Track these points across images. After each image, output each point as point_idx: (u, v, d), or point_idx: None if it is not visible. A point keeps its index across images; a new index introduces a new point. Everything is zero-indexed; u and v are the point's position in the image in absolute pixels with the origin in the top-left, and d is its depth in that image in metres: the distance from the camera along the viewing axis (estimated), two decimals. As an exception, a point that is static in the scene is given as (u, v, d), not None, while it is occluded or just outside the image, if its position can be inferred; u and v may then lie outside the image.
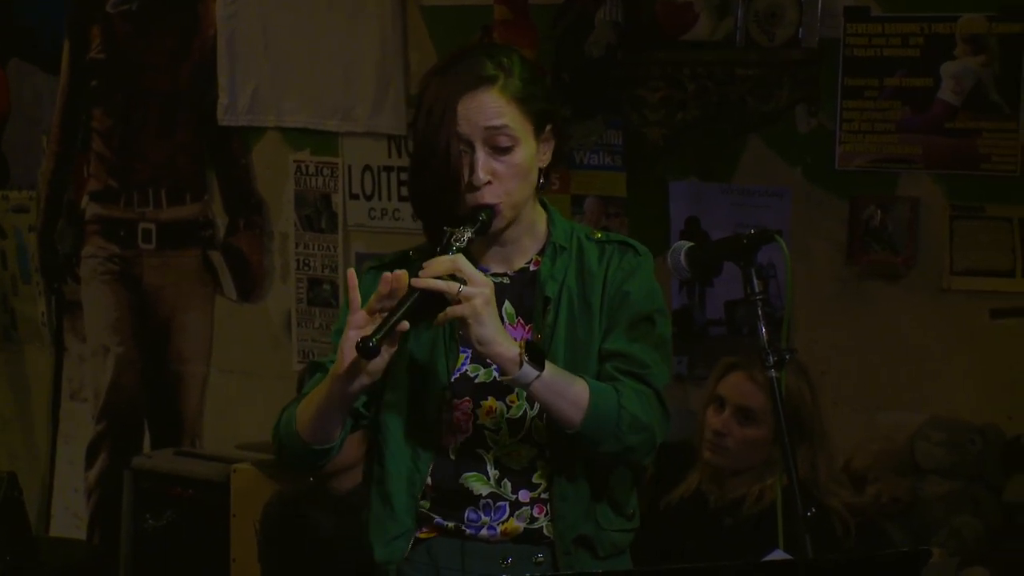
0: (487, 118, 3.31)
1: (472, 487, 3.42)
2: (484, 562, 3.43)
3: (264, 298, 6.41)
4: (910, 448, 5.01)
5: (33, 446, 6.94)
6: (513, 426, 3.41)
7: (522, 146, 3.35)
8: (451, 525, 3.43)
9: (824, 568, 3.07)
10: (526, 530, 3.42)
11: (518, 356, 3.24)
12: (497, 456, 3.41)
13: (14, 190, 6.97)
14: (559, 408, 3.28)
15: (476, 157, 3.31)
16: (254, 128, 6.34)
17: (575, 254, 3.46)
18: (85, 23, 6.69)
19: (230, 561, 5.84)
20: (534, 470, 3.42)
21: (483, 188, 3.32)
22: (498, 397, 3.41)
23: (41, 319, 6.91)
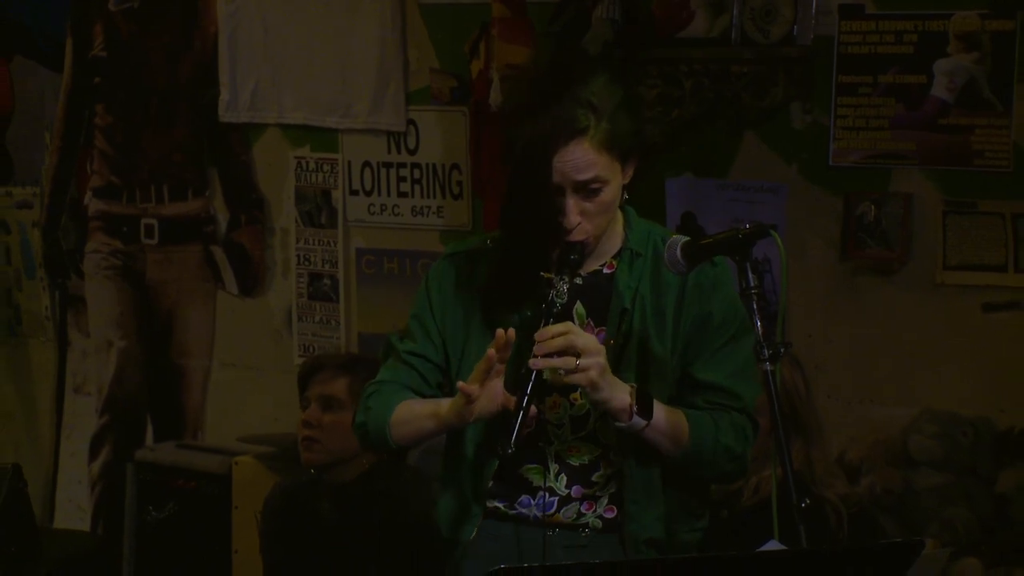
0: (578, 172, 3.39)
1: (531, 479, 3.54)
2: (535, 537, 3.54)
3: (265, 293, 6.42)
4: (903, 440, 5.01)
5: (37, 439, 6.95)
6: (576, 423, 3.51)
7: (611, 185, 3.45)
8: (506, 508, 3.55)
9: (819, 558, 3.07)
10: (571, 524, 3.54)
11: (629, 408, 3.37)
12: (558, 451, 3.52)
13: (18, 186, 6.98)
14: (662, 445, 3.44)
15: (567, 203, 3.40)
16: (255, 125, 6.34)
17: (650, 260, 3.55)
18: (88, 21, 6.69)
19: (232, 552, 5.86)
20: (595, 469, 3.53)
21: (575, 229, 3.40)
22: (562, 394, 3.51)
23: (45, 314, 6.92)
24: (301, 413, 5.12)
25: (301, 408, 5.13)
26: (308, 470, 5.18)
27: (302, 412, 5.12)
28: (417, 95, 5.93)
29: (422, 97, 5.92)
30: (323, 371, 4.95)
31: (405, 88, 5.95)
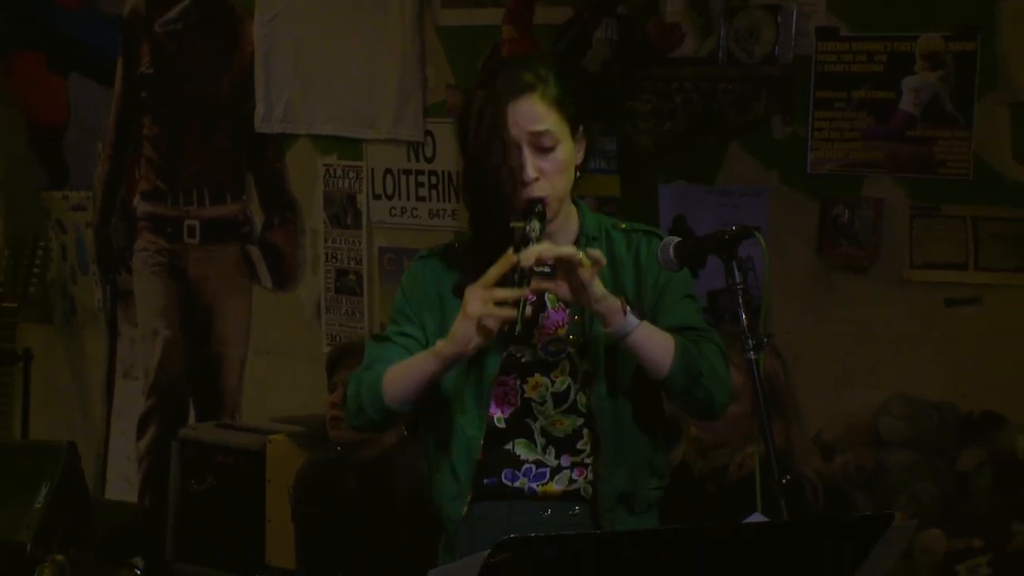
0: (532, 123, 3.35)
1: (520, 453, 3.47)
2: (526, 515, 3.46)
3: (296, 287, 6.41)
4: (874, 422, 5.00)
5: (90, 419, 6.95)
6: (557, 399, 3.45)
7: (563, 145, 3.39)
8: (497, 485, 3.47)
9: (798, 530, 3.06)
10: (564, 492, 3.48)
11: (622, 307, 3.31)
12: (543, 425, 3.46)
13: (73, 191, 6.98)
14: (652, 354, 3.36)
15: (524, 157, 3.35)
16: (287, 135, 6.34)
17: (604, 243, 3.50)
18: (136, 41, 6.70)
19: (266, 521, 5.84)
20: (579, 438, 3.47)
21: (532, 184, 3.35)
22: (544, 374, 3.45)
23: (97, 306, 6.92)
24: (328, 396, 5.13)
25: (328, 391, 5.14)
26: (335, 447, 5.19)
27: (329, 395, 5.13)
28: (434, 108, 5.93)
29: (439, 110, 5.92)
30: (349, 358, 4.96)
31: (423, 102, 5.95)
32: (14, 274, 6.71)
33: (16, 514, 4.58)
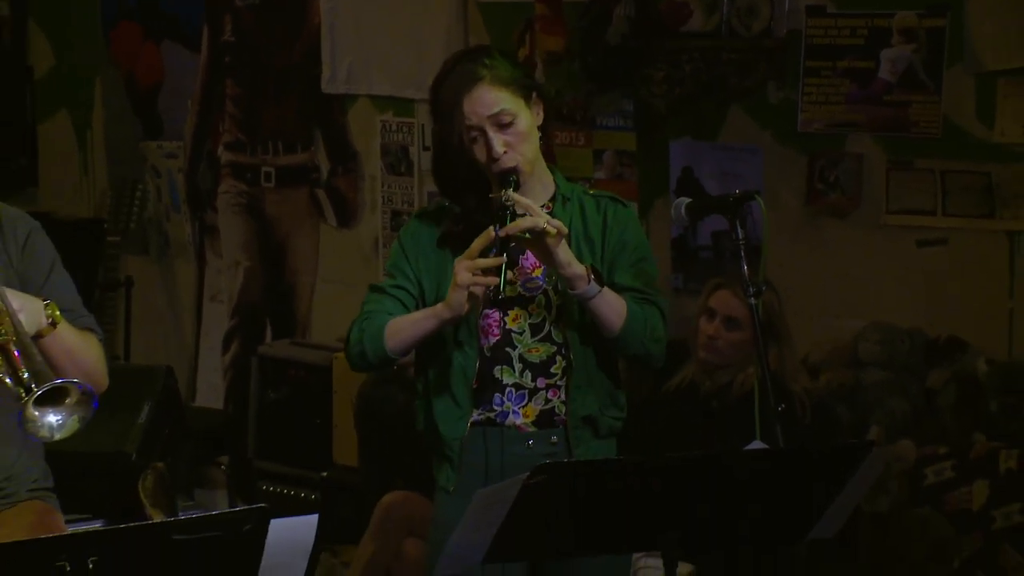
0: (488, 108, 3.35)
1: (502, 378, 3.47)
2: (514, 444, 3.47)
3: (357, 225, 6.40)
4: (854, 346, 4.99)
5: (182, 337, 6.97)
6: (533, 329, 3.45)
7: (520, 117, 3.38)
8: (490, 417, 3.46)
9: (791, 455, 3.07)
10: (542, 411, 3.48)
11: (586, 274, 3.31)
12: (521, 353, 3.46)
13: (167, 141, 6.96)
14: (607, 316, 3.37)
15: (490, 137, 3.35)
16: (350, 95, 6.31)
17: (576, 202, 3.49)
18: (220, 13, 6.67)
19: (332, 427, 5.87)
20: (552, 363, 3.47)
21: (502, 157, 3.34)
22: (522, 307, 3.45)
23: (188, 240, 6.92)
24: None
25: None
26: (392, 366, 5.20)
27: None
28: (475, 74, 5.90)
29: (479, 75, 5.88)
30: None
31: (466, 68, 5.92)
32: (117, 213, 6.72)
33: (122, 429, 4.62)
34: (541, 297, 3.45)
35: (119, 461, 4.57)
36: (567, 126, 5.59)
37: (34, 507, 3.53)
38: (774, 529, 3.06)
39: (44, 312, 3.27)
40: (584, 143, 5.59)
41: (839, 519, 3.09)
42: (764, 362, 3.45)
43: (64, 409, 3.02)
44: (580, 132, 5.58)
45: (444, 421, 3.49)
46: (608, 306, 3.37)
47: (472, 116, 3.33)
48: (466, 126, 3.34)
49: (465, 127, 3.34)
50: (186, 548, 2.62)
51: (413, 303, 3.49)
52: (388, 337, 3.42)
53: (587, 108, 5.53)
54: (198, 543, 2.62)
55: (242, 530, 2.65)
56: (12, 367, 3.05)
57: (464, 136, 3.35)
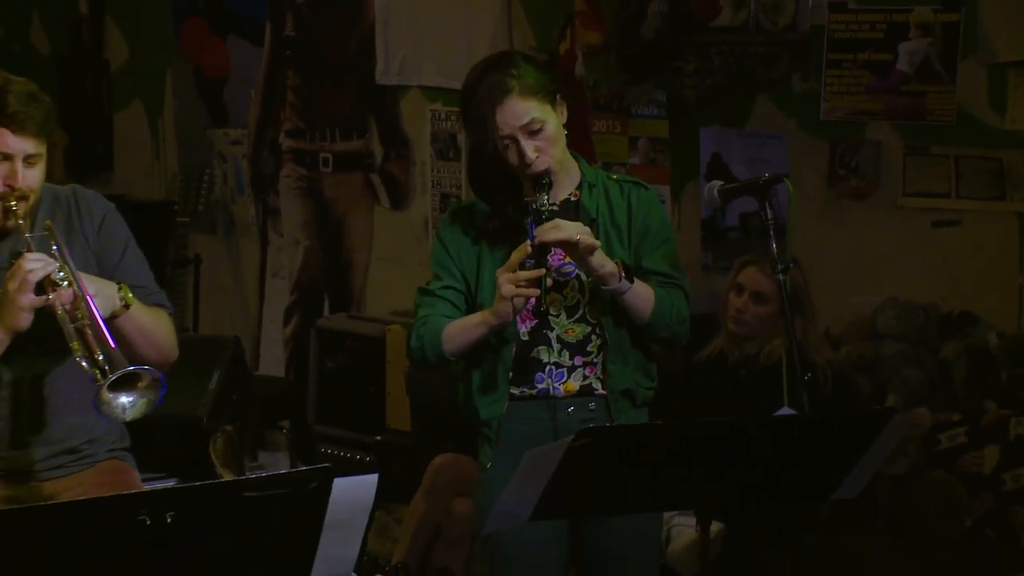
0: (519, 118, 3.31)
1: (541, 357, 3.46)
2: (554, 413, 3.46)
3: (409, 207, 6.40)
4: (873, 320, 4.97)
5: (247, 310, 7.00)
6: (569, 311, 3.45)
7: (548, 122, 3.35)
8: (530, 392, 3.45)
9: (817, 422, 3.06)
10: (581, 386, 3.47)
11: (618, 271, 3.30)
12: (559, 334, 3.45)
13: (232, 129, 6.97)
14: (638, 307, 3.37)
15: (522, 145, 3.32)
16: (402, 86, 6.31)
17: (601, 188, 3.48)
18: (281, 10, 6.68)
19: (386, 394, 5.87)
20: (588, 342, 3.46)
21: (535, 162, 3.32)
22: (558, 291, 3.44)
23: (251, 220, 6.94)
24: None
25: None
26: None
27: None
28: (519, 66, 5.88)
29: (523, 68, 5.87)
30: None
31: (511, 60, 5.90)
32: (186, 195, 6.76)
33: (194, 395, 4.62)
34: (574, 281, 3.44)
35: (191, 424, 4.58)
36: (604, 114, 5.58)
37: (113, 466, 3.55)
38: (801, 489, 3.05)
39: (117, 295, 3.27)
40: (620, 130, 5.58)
41: (862, 480, 3.07)
42: (792, 334, 3.44)
43: (135, 392, 3.04)
44: (616, 120, 5.57)
45: (482, 403, 3.50)
46: (638, 298, 3.37)
47: (504, 127, 3.31)
48: (499, 136, 3.32)
49: (498, 136, 3.32)
50: (256, 504, 2.62)
51: (462, 300, 3.48)
52: (445, 342, 3.42)
53: (623, 98, 5.52)
54: (267, 500, 2.62)
55: (308, 488, 2.65)
56: (88, 350, 3.06)
57: (498, 144, 3.33)
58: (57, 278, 3.14)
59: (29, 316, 3.14)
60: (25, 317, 3.14)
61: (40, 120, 3.26)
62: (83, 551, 2.52)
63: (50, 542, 2.49)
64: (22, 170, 3.26)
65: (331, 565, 2.76)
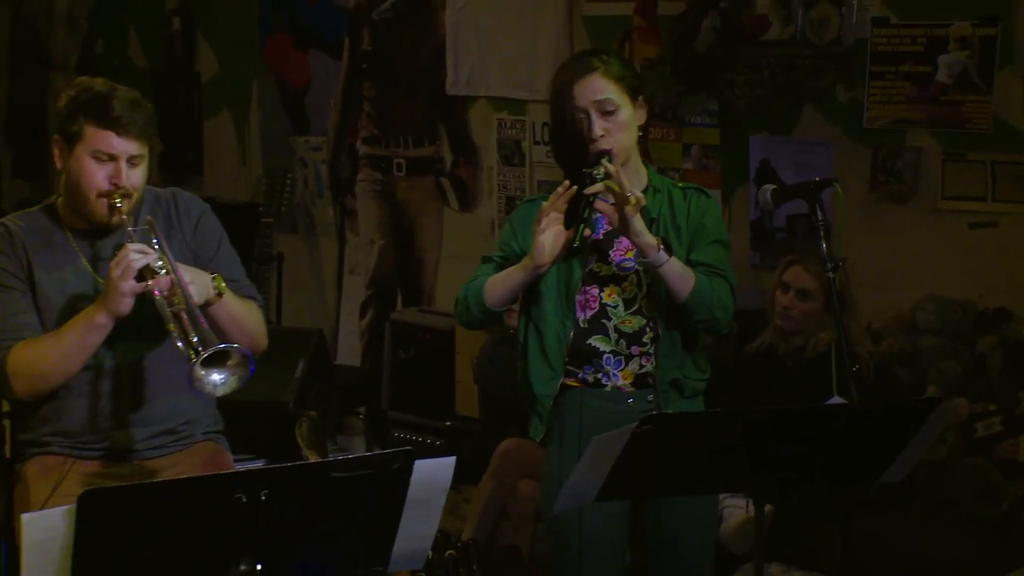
0: (595, 94, 3.35)
1: (599, 346, 3.43)
2: (614, 403, 3.44)
3: (476, 209, 6.39)
4: (912, 315, 4.92)
5: (326, 304, 7.01)
6: (627, 304, 3.43)
7: (622, 109, 3.36)
8: (590, 378, 3.42)
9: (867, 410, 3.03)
10: (637, 375, 3.44)
11: (657, 244, 3.28)
12: (616, 324, 3.43)
13: (313, 136, 6.98)
14: (675, 283, 3.34)
15: (592, 120, 3.34)
16: (470, 96, 6.30)
17: (666, 195, 3.46)
18: (359, 25, 6.68)
19: (455, 382, 5.88)
20: (644, 333, 3.44)
21: (599, 139, 3.32)
22: (616, 284, 3.42)
23: (330, 221, 6.95)
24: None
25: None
26: (508, 330, 5.19)
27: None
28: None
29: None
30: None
31: (572, 72, 5.89)
32: (270, 197, 6.78)
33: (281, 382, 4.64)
34: (633, 276, 3.43)
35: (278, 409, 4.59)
36: (660, 123, 5.55)
37: (208, 447, 3.57)
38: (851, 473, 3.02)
39: (211, 284, 3.30)
40: (674, 138, 5.56)
41: (907, 465, 3.04)
42: (841, 328, 3.42)
43: (226, 370, 3.05)
44: (671, 128, 5.54)
45: (538, 380, 3.49)
46: (675, 273, 3.32)
47: (580, 99, 3.34)
48: (576, 106, 3.34)
49: (575, 107, 3.33)
50: (343, 484, 2.63)
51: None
52: (487, 292, 3.42)
53: (677, 107, 5.49)
54: (354, 480, 2.63)
55: (391, 469, 2.65)
56: (184, 332, 3.08)
57: (574, 115, 3.34)
58: (156, 267, 3.17)
59: (130, 301, 3.17)
60: (126, 302, 3.17)
61: (142, 124, 3.30)
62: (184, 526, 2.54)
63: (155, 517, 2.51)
64: (126, 170, 3.30)
65: (411, 541, 2.77)
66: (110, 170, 3.29)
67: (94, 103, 3.29)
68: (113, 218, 3.30)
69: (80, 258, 3.39)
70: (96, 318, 3.20)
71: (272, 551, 2.60)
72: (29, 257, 3.36)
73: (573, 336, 3.43)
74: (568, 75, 3.38)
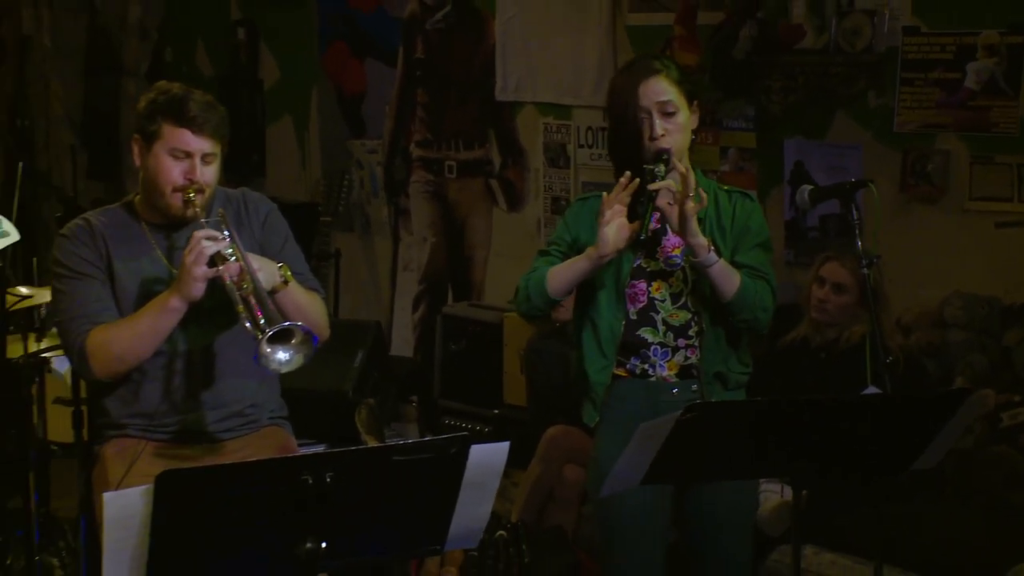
0: (658, 95, 3.34)
1: (647, 337, 3.43)
2: (659, 393, 3.43)
3: (523, 209, 6.38)
4: (940, 310, 4.88)
5: (380, 299, 7.02)
6: (674, 298, 3.41)
7: (681, 112, 3.35)
8: (637, 369, 3.41)
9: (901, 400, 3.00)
10: (682, 366, 3.43)
11: (708, 245, 3.28)
12: (664, 317, 3.42)
13: (368, 139, 6.99)
14: (722, 283, 3.33)
15: (654, 120, 3.33)
16: (518, 102, 6.28)
17: (712, 197, 3.44)
18: (413, 35, 6.68)
19: (503, 373, 5.87)
20: (689, 327, 3.43)
21: (660, 138, 3.31)
22: (664, 279, 3.41)
23: (385, 220, 6.96)
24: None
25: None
26: (554, 323, 5.18)
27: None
28: (622, 84, 5.85)
29: (626, 85, 5.83)
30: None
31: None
32: (328, 198, 6.79)
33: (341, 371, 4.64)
34: (680, 272, 3.42)
35: (339, 397, 4.60)
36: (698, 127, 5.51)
37: (274, 432, 3.58)
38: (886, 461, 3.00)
39: (278, 273, 3.33)
40: (712, 141, 5.53)
41: (939, 453, 3.02)
42: (876, 321, 3.39)
43: (291, 348, 3.07)
44: (709, 132, 5.51)
45: (593, 369, 3.48)
46: (723, 274, 3.32)
47: (644, 99, 3.33)
48: (639, 106, 3.32)
49: (638, 107, 3.32)
50: (403, 467, 2.63)
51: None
52: (549, 281, 3.41)
53: (715, 112, 5.46)
54: (413, 463, 2.63)
55: (449, 453, 2.65)
56: (251, 314, 3.11)
57: (636, 114, 3.33)
58: (226, 253, 3.21)
59: (202, 286, 3.20)
60: (199, 287, 3.20)
61: (216, 124, 3.35)
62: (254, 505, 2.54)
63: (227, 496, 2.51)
64: (200, 166, 3.35)
65: (467, 521, 2.76)
66: (185, 166, 3.34)
67: (172, 104, 3.34)
68: (187, 211, 3.35)
69: (156, 249, 3.43)
70: (170, 302, 3.24)
71: (336, 530, 2.60)
72: (108, 249, 3.41)
73: (624, 328, 3.42)
74: (633, 77, 3.36)
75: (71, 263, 3.39)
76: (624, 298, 3.41)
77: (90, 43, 8.34)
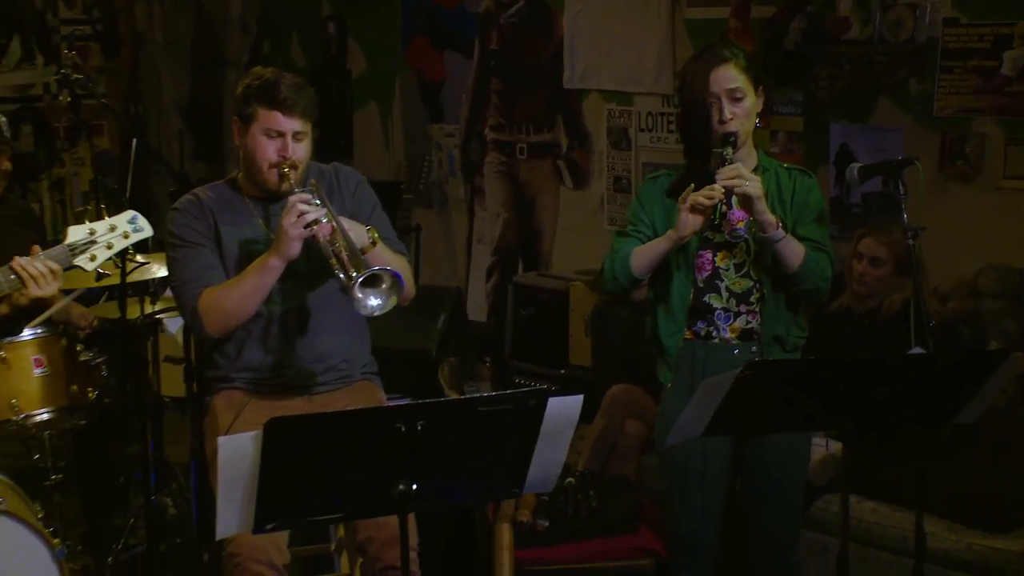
0: (729, 82, 3.30)
1: (712, 303, 3.40)
2: (722, 353, 3.41)
3: (588, 188, 6.34)
4: (975, 280, 4.79)
5: (456, 270, 7.01)
6: (737, 267, 3.39)
7: (748, 98, 3.33)
8: (702, 331, 3.39)
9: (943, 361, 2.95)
10: (743, 330, 3.40)
11: (776, 222, 3.26)
12: (728, 284, 3.39)
13: (447, 124, 6.97)
14: (788, 256, 3.31)
15: (723, 105, 3.30)
16: (584, 90, 6.23)
17: (773, 174, 3.42)
18: (488, 28, 6.65)
19: (569, 336, 5.85)
20: (751, 294, 3.41)
21: (729, 122, 3.29)
22: (728, 250, 3.38)
23: (462, 197, 6.95)
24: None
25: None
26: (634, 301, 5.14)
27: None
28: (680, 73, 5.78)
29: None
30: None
31: (673, 68, 5.79)
32: (410, 177, 6.79)
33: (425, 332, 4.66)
34: (743, 244, 3.39)
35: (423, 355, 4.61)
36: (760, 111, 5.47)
37: (366, 386, 3.59)
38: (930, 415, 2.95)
39: (367, 234, 3.34)
40: (763, 125, 5.36)
41: (979, 409, 2.96)
42: (920, 289, 3.34)
43: (381, 293, 3.08)
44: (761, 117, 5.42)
45: (665, 333, 3.46)
46: (789, 248, 3.30)
47: (715, 85, 3.29)
48: (709, 92, 3.28)
49: (708, 92, 3.27)
50: (487, 417, 2.62)
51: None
52: (633, 261, 3.40)
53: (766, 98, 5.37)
54: (496, 414, 2.62)
55: (528, 405, 2.64)
56: (344, 267, 3.13)
57: (707, 99, 3.28)
58: (320, 215, 3.19)
59: (298, 245, 3.22)
60: (295, 246, 3.22)
61: (305, 104, 3.36)
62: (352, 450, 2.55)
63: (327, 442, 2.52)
64: (292, 144, 3.36)
65: (543, 467, 2.76)
66: (279, 145, 3.36)
67: (264, 88, 3.36)
68: (283, 185, 3.37)
69: (256, 219, 3.47)
70: (270, 261, 3.27)
71: (425, 474, 2.60)
72: (216, 219, 3.43)
73: (692, 294, 3.38)
74: (704, 65, 3.33)
75: (183, 234, 3.42)
76: (693, 267, 3.39)
77: (196, 37, 8.38)
